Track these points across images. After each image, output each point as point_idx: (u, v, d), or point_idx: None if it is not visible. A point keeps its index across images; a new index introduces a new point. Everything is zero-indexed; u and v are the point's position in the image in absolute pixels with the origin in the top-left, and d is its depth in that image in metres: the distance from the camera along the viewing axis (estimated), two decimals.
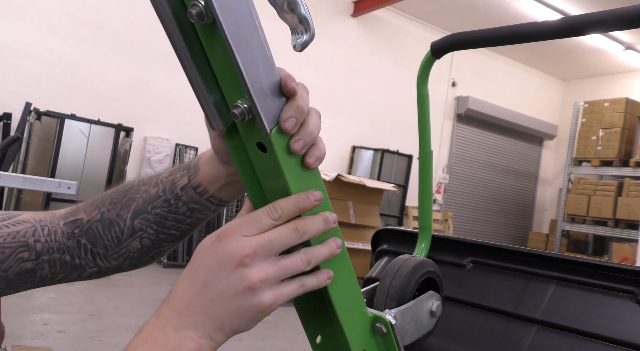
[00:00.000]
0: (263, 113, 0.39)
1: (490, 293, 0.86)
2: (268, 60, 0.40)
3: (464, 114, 8.33)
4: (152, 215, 0.57)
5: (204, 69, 0.41)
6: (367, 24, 7.39)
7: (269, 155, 0.41)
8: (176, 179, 0.57)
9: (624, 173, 6.99)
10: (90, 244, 0.58)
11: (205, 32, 0.40)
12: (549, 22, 0.78)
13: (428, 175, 0.84)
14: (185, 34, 0.40)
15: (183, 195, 0.56)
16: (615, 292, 0.76)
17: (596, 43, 7.74)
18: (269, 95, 0.40)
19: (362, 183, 5.70)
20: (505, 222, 9.23)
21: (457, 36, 0.81)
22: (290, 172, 0.42)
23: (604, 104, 7.32)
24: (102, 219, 0.58)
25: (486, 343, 0.86)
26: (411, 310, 0.65)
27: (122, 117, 5.16)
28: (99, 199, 0.60)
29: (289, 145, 0.41)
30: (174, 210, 0.56)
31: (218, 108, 0.43)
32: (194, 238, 5.72)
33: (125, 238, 0.57)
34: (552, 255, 0.81)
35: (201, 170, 0.55)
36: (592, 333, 0.78)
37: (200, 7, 0.37)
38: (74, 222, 0.59)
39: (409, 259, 0.73)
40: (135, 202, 0.57)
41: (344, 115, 7.23)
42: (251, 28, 0.39)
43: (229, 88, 0.42)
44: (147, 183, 0.59)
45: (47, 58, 5.16)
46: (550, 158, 9.77)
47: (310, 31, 0.42)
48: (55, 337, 2.85)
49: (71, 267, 0.58)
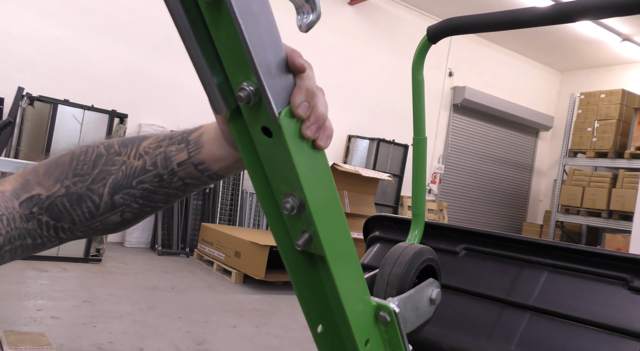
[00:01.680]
0: (272, 96, 0.38)
1: (483, 280, 0.86)
2: (276, 38, 0.38)
3: (460, 104, 8.32)
4: (138, 190, 0.53)
5: (207, 49, 0.40)
6: (364, 12, 7.33)
7: (275, 140, 0.40)
8: (170, 153, 0.53)
9: (618, 165, 7.01)
10: (53, 221, 0.53)
11: (210, 11, 0.38)
12: (542, 8, 0.78)
13: (422, 162, 0.83)
14: (189, 12, 0.38)
15: (180, 171, 0.53)
16: (608, 279, 0.76)
17: (593, 34, 7.71)
18: (276, 75, 0.38)
19: (358, 172, 5.70)
20: (499, 212, 9.27)
21: (452, 21, 0.80)
22: (299, 157, 0.40)
23: (600, 95, 7.32)
24: (69, 194, 0.52)
25: (480, 330, 0.86)
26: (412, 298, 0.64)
27: (116, 103, 5.11)
28: (55, 170, 0.53)
29: (302, 131, 0.40)
30: (167, 185, 0.53)
31: (222, 91, 0.41)
32: (188, 227, 5.71)
33: (101, 213, 0.53)
34: (545, 242, 0.81)
35: (205, 148, 0.52)
36: (584, 319, 0.78)
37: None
38: (30, 199, 0.52)
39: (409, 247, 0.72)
40: (113, 176, 0.52)
41: (340, 104, 7.20)
42: (259, 5, 0.37)
43: (233, 70, 0.40)
44: (122, 153, 0.54)
45: (40, 43, 5.09)
46: (546, 149, 9.79)
47: (316, 11, 0.40)
48: (49, 323, 2.85)
49: (32, 247, 0.54)
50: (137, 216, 0.55)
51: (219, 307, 3.71)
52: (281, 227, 0.46)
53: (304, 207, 0.41)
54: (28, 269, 3.88)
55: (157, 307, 3.45)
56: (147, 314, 3.28)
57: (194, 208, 5.90)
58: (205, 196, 6.05)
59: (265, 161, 0.44)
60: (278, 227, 0.47)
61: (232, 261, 4.70)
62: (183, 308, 3.53)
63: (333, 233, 0.44)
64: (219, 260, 4.92)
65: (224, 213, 6.10)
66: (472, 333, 0.86)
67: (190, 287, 4.16)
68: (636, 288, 0.74)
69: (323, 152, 0.43)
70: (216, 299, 3.93)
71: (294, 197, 0.41)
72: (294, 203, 0.41)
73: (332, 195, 0.44)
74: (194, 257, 5.48)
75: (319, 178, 0.42)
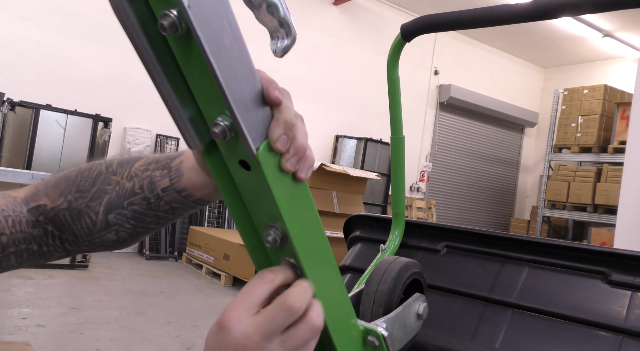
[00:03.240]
0: (248, 132, 0.35)
1: (465, 278, 0.86)
2: (250, 71, 0.36)
3: (446, 102, 8.37)
4: (129, 211, 0.54)
5: (177, 82, 0.37)
6: (348, 12, 7.34)
7: (254, 173, 0.38)
8: (155, 178, 0.53)
9: (602, 160, 7.11)
10: (58, 231, 0.55)
11: (179, 44, 0.36)
12: (520, 5, 0.78)
13: (400, 161, 0.83)
14: (155, 46, 0.36)
15: (165, 196, 0.53)
16: (587, 273, 0.76)
17: (575, 31, 7.81)
18: (252, 109, 0.36)
19: (346, 172, 5.70)
20: (487, 209, 9.35)
21: (427, 18, 0.80)
22: (280, 190, 0.38)
23: (583, 91, 7.42)
24: (70, 208, 0.54)
25: (464, 329, 0.86)
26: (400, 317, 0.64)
27: (100, 107, 5.05)
28: (62, 182, 0.56)
29: (281, 165, 0.38)
30: (155, 208, 0.53)
31: (195, 125, 0.39)
32: (176, 230, 5.67)
33: (98, 230, 0.54)
34: (524, 238, 0.81)
35: (185, 176, 0.52)
36: (565, 314, 0.79)
37: (173, 18, 0.32)
38: (37, 208, 0.55)
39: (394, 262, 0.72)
40: (108, 195, 0.54)
41: (327, 105, 7.20)
42: (232, 38, 0.34)
43: (207, 104, 0.38)
44: (117, 172, 0.55)
45: (20, 46, 5.01)
46: (532, 145, 9.89)
47: (291, 35, 0.38)
48: (34, 331, 2.80)
49: (39, 255, 0.55)
50: (132, 236, 0.56)
51: (208, 311, 3.69)
52: (264, 257, 0.45)
53: (286, 239, 0.40)
54: (13, 277, 3.82)
55: (145, 312, 3.42)
56: (135, 320, 3.24)
57: None
58: None
59: (245, 193, 0.42)
60: (261, 257, 0.45)
61: (221, 264, 4.68)
62: (172, 312, 3.50)
63: (317, 263, 0.43)
64: (207, 263, 4.89)
65: (212, 216, 6.07)
66: (457, 332, 0.86)
67: (179, 291, 4.13)
68: (614, 281, 0.74)
69: (304, 182, 0.41)
70: (205, 302, 3.91)
71: (276, 228, 0.40)
72: (276, 235, 0.40)
73: (314, 225, 0.42)
74: (182, 260, 5.44)
75: (301, 209, 0.41)
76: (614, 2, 0.72)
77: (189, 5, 0.31)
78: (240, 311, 0.39)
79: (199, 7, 0.32)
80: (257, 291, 0.39)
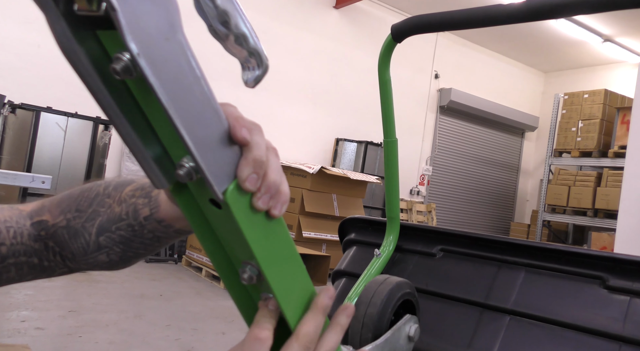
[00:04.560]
0: (212, 175, 0.34)
1: (461, 283, 0.85)
2: (213, 111, 0.34)
3: (446, 106, 8.37)
4: (116, 235, 0.54)
5: (139, 123, 0.35)
6: (349, 15, 7.35)
7: (225, 212, 0.36)
8: (138, 206, 0.53)
9: (602, 164, 7.10)
10: (58, 248, 0.55)
11: (137, 86, 0.34)
12: (513, 5, 0.77)
13: (394, 165, 0.82)
14: (112, 87, 0.33)
15: (147, 225, 0.53)
16: (584, 278, 0.75)
17: (576, 35, 7.82)
18: (217, 150, 0.34)
19: (346, 175, 5.70)
20: (487, 212, 9.33)
21: (417, 19, 0.79)
22: (251, 229, 0.37)
23: (584, 96, 7.42)
24: (68, 227, 0.55)
25: (461, 337, 0.84)
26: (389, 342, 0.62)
27: (100, 110, 5.06)
28: (65, 201, 0.56)
29: (252, 204, 0.36)
30: (139, 235, 0.53)
31: (160, 165, 0.36)
32: None
33: (91, 250, 0.55)
34: (520, 241, 0.81)
35: (162, 207, 0.51)
36: (563, 321, 0.78)
37: (125, 61, 0.30)
38: (40, 223, 0.55)
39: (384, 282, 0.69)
40: (100, 217, 0.54)
41: (327, 108, 7.20)
42: (191, 81, 0.32)
43: (171, 144, 0.36)
44: (111, 195, 0.55)
45: (21, 49, 5.03)
46: (532, 149, 9.88)
47: (263, 65, 0.36)
48: (33, 334, 2.80)
49: (40, 269, 0.56)
50: (123, 260, 0.55)
51: (207, 314, 3.68)
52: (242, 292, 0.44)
53: (262, 277, 0.39)
54: None
55: (145, 315, 3.41)
56: (134, 323, 3.23)
57: None
58: None
59: (218, 231, 0.41)
60: (239, 293, 0.44)
61: None
62: (171, 315, 3.49)
63: (295, 299, 0.41)
64: (207, 266, 4.88)
65: None
66: (453, 340, 0.85)
67: (179, 294, 4.12)
68: (612, 286, 0.74)
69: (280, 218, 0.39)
70: (205, 305, 3.90)
71: (252, 265, 0.38)
72: (252, 272, 0.38)
73: (291, 262, 0.41)
74: (182, 263, 5.43)
75: (276, 246, 0.39)
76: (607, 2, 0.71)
77: (138, 52, 0.29)
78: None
79: (151, 52, 0.30)
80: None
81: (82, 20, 0.31)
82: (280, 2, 6.68)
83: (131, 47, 0.29)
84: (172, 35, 0.31)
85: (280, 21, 6.67)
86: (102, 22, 0.31)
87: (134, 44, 0.29)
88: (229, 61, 2.90)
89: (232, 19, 0.34)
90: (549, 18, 0.70)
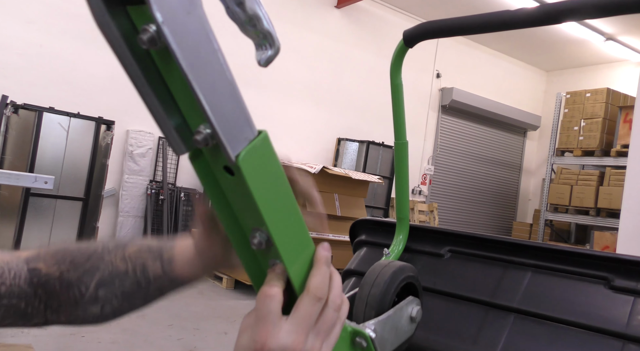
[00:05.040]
0: (226, 140, 0.37)
1: (468, 283, 0.85)
2: (228, 81, 0.38)
3: (448, 105, 8.37)
4: (118, 289, 0.57)
5: (162, 93, 0.39)
6: (351, 15, 7.35)
7: (237, 178, 0.40)
8: (148, 264, 0.57)
9: (605, 163, 7.09)
10: (45, 296, 0.57)
11: (161, 57, 0.37)
12: (524, 10, 0.77)
13: (404, 166, 0.83)
14: (139, 59, 0.37)
15: (155, 282, 0.57)
16: (590, 278, 0.76)
17: (578, 34, 7.81)
18: (230, 118, 0.38)
19: (348, 175, 5.70)
20: (489, 212, 9.32)
21: (430, 24, 0.80)
22: (262, 195, 0.40)
23: (586, 95, 7.41)
24: (61, 278, 0.57)
25: (466, 334, 0.85)
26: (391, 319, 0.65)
27: (103, 110, 5.07)
28: (60, 253, 0.59)
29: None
30: (144, 290, 0.57)
31: (180, 133, 0.40)
32: (178, 232, 5.67)
33: (85, 302, 0.57)
34: (527, 243, 0.81)
35: (178, 266, 0.56)
36: (567, 320, 0.78)
37: (151, 32, 0.34)
38: (34, 270, 0.57)
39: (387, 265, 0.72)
40: (100, 272, 0.57)
41: (329, 107, 7.20)
42: (209, 52, 0.36)
43: (190, 113, 0.40)
44: (112, 252, 0.58)
45: (24, 49, 5.04)
46: (534, 148, 9.87)
47: (275, 46, 0.40)
48: (36, 334, 2.80)
49: (21, 314, 0.56)
50: (116, 312, 0.58)
51: (209, 313, 3.69)
52: (252, 259, 0.47)
53: (271, 242, 0.41)
54: None
55: (147, 315, 3.42)
56: (136, 322, 3.24)
57: (184, 214, 5.87)
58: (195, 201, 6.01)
59: (231, 198, 0.44)
60: (249, 259, 0.47)
61: None
62: (173, 315, 3.50)
63: (301, 267, 0.44)
64: None
65: None
66: (458, 337, 0.86)
67: (181, 294, 4.11)
68: (617, 287, 0.74)
69: (287, 184, 0.42)
70: (207, 305, 3.91)
71: (261, 231, 0.41)
72: (262, 238, 0.41)
73: (299, 227, 0.44)
74: None
75: (284, 213, 0.42)
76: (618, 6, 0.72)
77: (163, 21, 0.33)
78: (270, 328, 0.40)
79: (174, 22, 0.33)
80: (271, 307, 0.41)
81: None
82: (282, 2, 6.68)
83: (157, 16, 0.33)
84: (193, 9, 0.35)
85: (282, 20, 6.67)
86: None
87: (159, 13, 0.33)
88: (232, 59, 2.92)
89: (247, 2, 0.37)
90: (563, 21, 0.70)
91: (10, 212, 4.33)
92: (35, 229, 4.36)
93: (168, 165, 5.87)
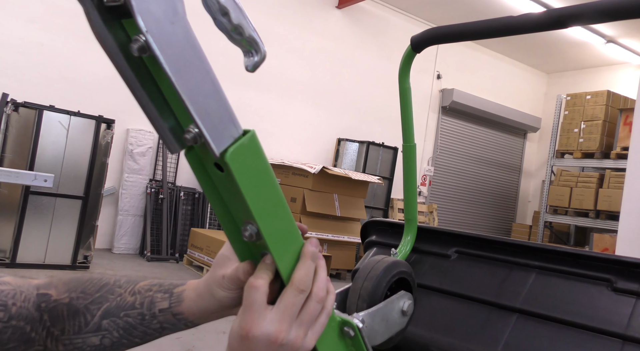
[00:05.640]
0: (210, 138, 0.40)
1: (473, 283, 0.86)
2: (214, 86, 0.41)
3: (448, 107, 8.38)
4: (122, 321, 0.59)
5: (156, 96, 0.42)
6: (352, 15, 7.36)
7: (226, 174, 0.42)
8: (156, 298, 0.59)
9: (605, 165, 7.10)
10: (49, 322, 0.59)
11: (151, 63, 0.40)
12: (531, 15, 0.78)
13: (412, 168, 0.84)
14: (134, 66, 0.40)
15: (160, 316, 0.59)
16: (593, 280, 0.76)
17: (578, 36, 7.82)
18: (215, 117, 0.41)
19: (348, 175, 5.70)
20: (489, 213, 9.33)
21: (436, 30, 0.80)
22: (251, 191, 0.43)
23: (586, 97, 7.42)
24: (70, 304, 0.59)
25: (469, 332, 0.86)
26: (381, 311, 0.67)
27: (103, 109, 5.06)
28: (72, 282, 0.62)
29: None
30: (147, 324, 0.59)
31: (174, 133, 0.43)
32: (177, 232, 5.67)
33: (87, 330, 0.59)
34: (533, 244, 0.81)
35: (186, 303, 0.58)
36: (570, 321, 0.79)
37: (142, 42, 0.37)
38: (44, 296, 0.60)
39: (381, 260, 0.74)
40: (108, 303, 0.59)
41: (329, 108, 7.21)
42: (193, 58, 0.39)
43: (181, 115, 0.43)
44: (123, 286, 0.61)
45: (24, 48, 5.03)
46: (534, 150, 9.88)
47: (260, 52, 0.43)
48: None
49: (24, 339, 0.58)
50: (114, 345, 0.60)
51: None
52: (245, 250, 0.50)
53: (260, 234, 0.44)
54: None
55: None
56: None
57: (183, 213, 5.86)
58: (195, 201, 6.01)
59: (223, 192, 0.47)
60: (242, 250, 0.50)
61: None
62: None
63: (290, 260, 0.47)
64: (209, 265, 4.89)
65: (213, 218, 6.06)
66: (461, 335, 0.86)
67: None
68: (619, 289, 0.75)
69: (275, 181, 0.45)
70: None
71: (252, 224, 0.44)
72: (252, 231, 0.44)
73: (287, 222, 0.46)
74: (183, 262, 5.43)
75: (272, 208, 0.45)
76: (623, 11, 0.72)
77: (147, 31, 0.37)
78: (255, 317, 0.43)
79: (159, 32, 0.37)
80: (256, 297, 0.44)
81: (110, 11, 0.38)
82: (283, 2, 6.69)
83: (141, 27, 0.36)
84: (176, 20, 0.38)
85: (283, 21, 6.68)
86: (126, 12, 0.38)
87: (144, 24, 0.36)
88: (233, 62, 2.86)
89: (232, 13, 0.40)
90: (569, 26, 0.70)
91: (10, 210, 4.32)
92: (35, 227, 4.36)
93: (168, 164, 5.87)
